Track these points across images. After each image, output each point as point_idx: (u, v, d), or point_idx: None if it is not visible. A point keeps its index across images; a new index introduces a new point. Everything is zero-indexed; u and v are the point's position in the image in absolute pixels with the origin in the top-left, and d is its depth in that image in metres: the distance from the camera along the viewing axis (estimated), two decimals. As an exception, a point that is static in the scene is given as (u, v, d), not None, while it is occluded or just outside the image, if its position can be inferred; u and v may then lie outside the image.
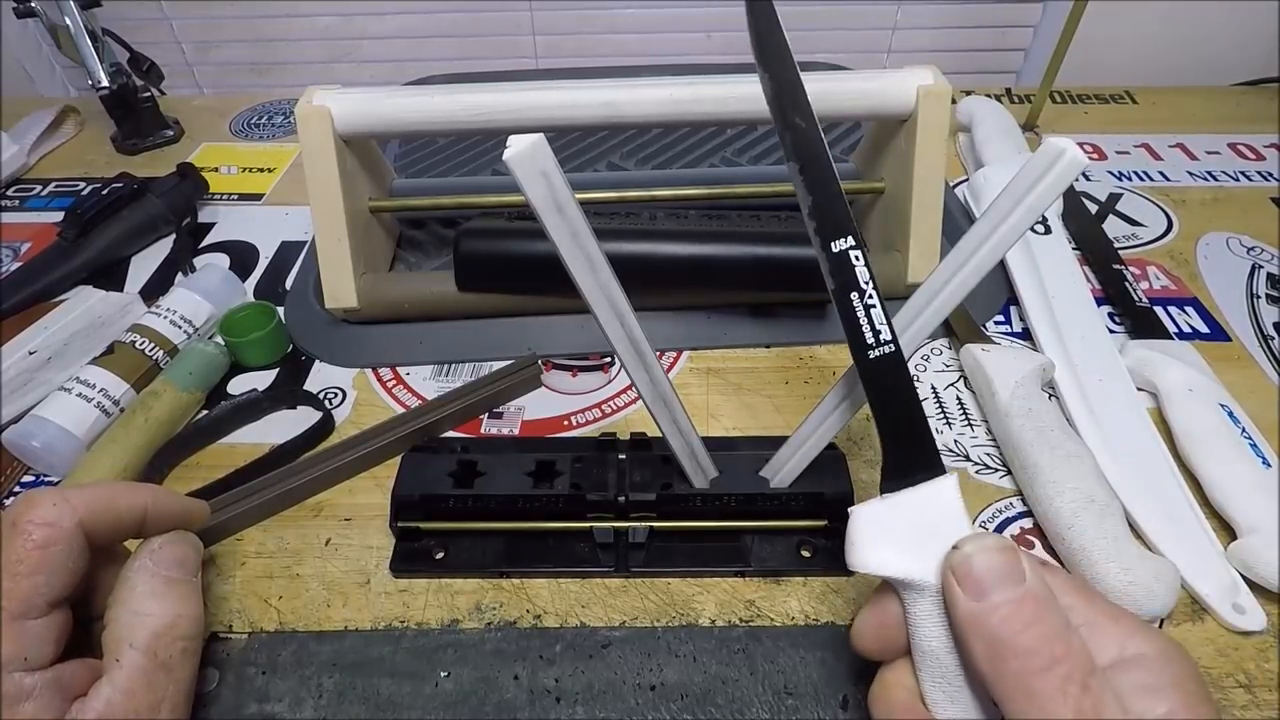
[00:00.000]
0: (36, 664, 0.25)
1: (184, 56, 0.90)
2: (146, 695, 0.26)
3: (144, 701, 0.25)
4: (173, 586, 0.28)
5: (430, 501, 0.35)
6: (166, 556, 0.28)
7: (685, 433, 0.33)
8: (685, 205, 0.49)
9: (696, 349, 0.46)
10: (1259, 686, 0.30)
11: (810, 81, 0.43)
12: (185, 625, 0.27)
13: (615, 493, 0.35)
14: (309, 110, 0.42)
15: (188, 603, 0.28)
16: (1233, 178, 0.61)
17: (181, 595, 0.28)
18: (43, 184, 0.64)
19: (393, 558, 0.35)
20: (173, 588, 0.28)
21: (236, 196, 0.62)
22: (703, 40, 0.89)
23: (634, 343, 0.29)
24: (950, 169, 0.60)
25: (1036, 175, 0.26)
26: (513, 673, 0.31)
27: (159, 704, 0.26)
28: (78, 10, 0.61)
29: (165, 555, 0.28)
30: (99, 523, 0.27)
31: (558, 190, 0.25)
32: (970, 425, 0.41)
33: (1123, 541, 0.32)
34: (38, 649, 0.25)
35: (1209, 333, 0.47)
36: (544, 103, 0.43)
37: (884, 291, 0.46)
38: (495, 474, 0.35)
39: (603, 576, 0.35)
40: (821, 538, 0.35)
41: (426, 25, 0.87)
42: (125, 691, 0.25)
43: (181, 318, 0.45)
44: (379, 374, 0.45)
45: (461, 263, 0.45)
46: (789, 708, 0.30)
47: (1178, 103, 0.71)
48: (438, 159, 0.62)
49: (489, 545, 0.35)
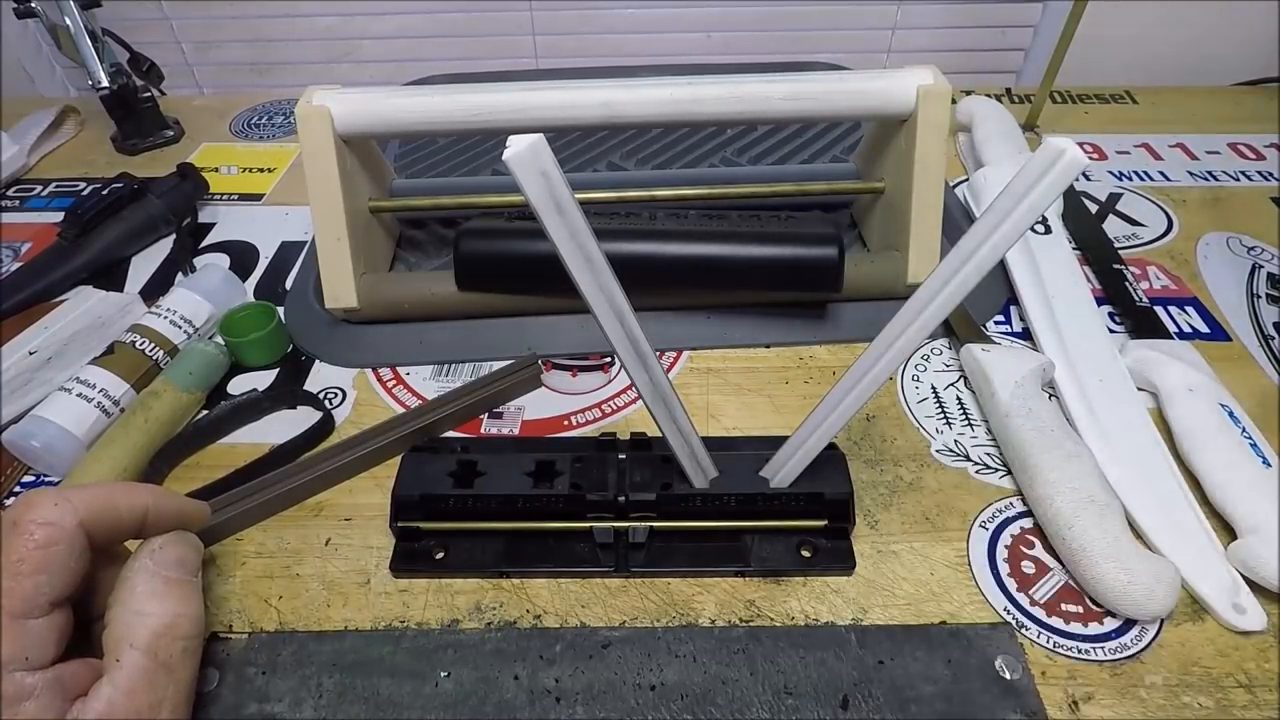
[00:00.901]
0: (37, 664, 0.25)
1: (184, 56, 0.89)
2: (147, 695, 0.26)
3: (145, 701, 0.25)
4: (173, 586, 0.28)
5: (430, 501, 0.35)
6: (167, 556, 0.28)
7: (685, 433, 0.33)
8: (685, 205, 0.49)
9: (696, 349, 0.46)
10: (1259, 686, 0.30)
11: (810, 81, 0.44)
12: (185, 625, 0.27)
13: (615, 493, 0.35)
14: (309, 110, 0.42)
15: (188, 602, 0.28)
16: (1233, 178, 0.61)
17: (181, 595, 0.28)
18: (43, 184, 0.64)
19: (393, 558, 0.35)
20: (173, 587, 0.28)
21: (236, 196, 0.62)
22: (703, 40, 0.89)
23: (634, 343, 0.29)
24: (950, 169, 0.60)
25: (1036, 175, 0.26)
26: (513, 673, 0.31)
27: (160, 704, 0.26)
28: (78, 10, 0.61)
29: (165, 555, 0.28)
30: (100, 523, 0.27)
31: (557, 190, 0.25)
32: (970, 425, 0.41)
33: (1123, 541, 0.32)
34: (39, 649, 0.25)
35: (1209, 333, 0.47)
36: (544, 103, 0.43)
37: (884, 291, 0.47)
38: (495, 474, 0.35)
39: (603, 576, 0.35)
40: (821, 538, 0.35)
41: (426, 25, 0.87)
42: (126, 691, 0.25)
43: (181, 318, 0.45)
44: (379, 374, 0.45)
45: (461, 263, 0.45)
46: (789, 708, 0.30)
47: (1178, 103, 0.71)
48: (438, 159, 0.62)
49: (489, 545, 0.35)
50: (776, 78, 0.44)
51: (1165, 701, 0.30)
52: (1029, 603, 0.33)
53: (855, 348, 0.46)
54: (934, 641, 0.32)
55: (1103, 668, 0.31)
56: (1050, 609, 0.33)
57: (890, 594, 0.34)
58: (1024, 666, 0.31)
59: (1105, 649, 0.32)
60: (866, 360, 0.31)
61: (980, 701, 0.30)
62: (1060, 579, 0.34)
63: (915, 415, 0.42)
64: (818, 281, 0.44)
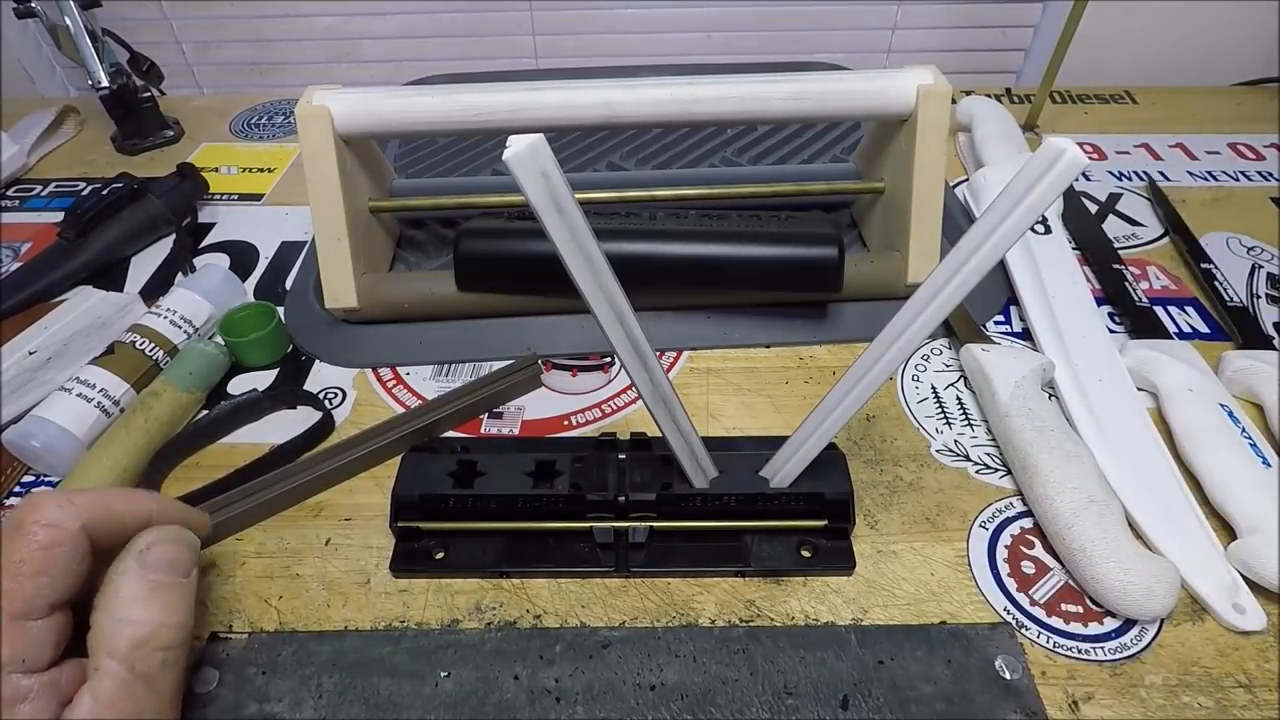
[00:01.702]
0: (35, 666, 0.25)
1: (184, 56, 0.89)
2: (126, 705, 0.25)
3: (124, 712, 0.25)
4: (159, 591, 0.26)
5: (430, 501, 0.35)
6: (156, 558, 0.27)
7: (685, 432, 0.33)
8: (685, 205, 0.49)
9: (696, 349, 0.46)
10: (1259, 686, 0.30)
11: (810, 81, 0.44)
12: (167, 635, 0.26)
13: (615, 493, 0.35)
14: (309, 110, 0.42)
15: (173, 610, 0.27)
16: (1233, 178, 0.61)
17: (166, 602, 0.26)
18: (43, 184, 0.64)
19: (393, 558, 0.35)
20: (159, 593, 0.26)
21: (236, 196, 0.62)
22: (703, 40, 0.89)
23: (634, 343, 0.29)
24: (950, 169, 0.60)
25: (1036, 175, 0.26)
26: (513, 673, 0.31)
27: (139, 714, 0.25)
28: (78, 10, 0.60)
29: (154, 556, 0.27)
30: (102, 526, 0.27)
31: (557, 190, 0.25)
32: (970, 425, 0.41)
33: (1123, 541, 0.32)
34: (37, 651, 0.25)
35: (1209, 333, 0.47)
36: (544, 103, 0.43)
37: (884, 291, 0.47)
38: (495, 474, 0.35)
39: (603, 576, 0.35)
40: (822, 538, 0.35)
41: (426, 25, 0.87)
42: (106, 703, 0.25)
43: (181, 318, 0.45)
44: (379, 374, 0.45)
45: (461, 263, 0.45)
46: (789, 708, 0.30)
47: (1178, 103, 0.71)
48: (438, 159, 0.62)
49: (489, 545, 0.35)
50: (776, 78, 0.44)
51: (1165, 701, 0.30)
52: (1029, 603, 0.33)
53: (855, 348, 0.46)
54: (934, 641, 0.32)
55: (1103, 668, 0.31)
56: (1050, 609, 0.33)
57: (890, 594, 0.34)
58: (1024, 666, 0.31)
59: (1105, 649, 0.32)
60: (867, 360, 0.31)
61: (980, 701, 0.30)
62: (1060, 579, 0.34)
63: (915, 415, 0.42)
64: (818, 281, 0.44)
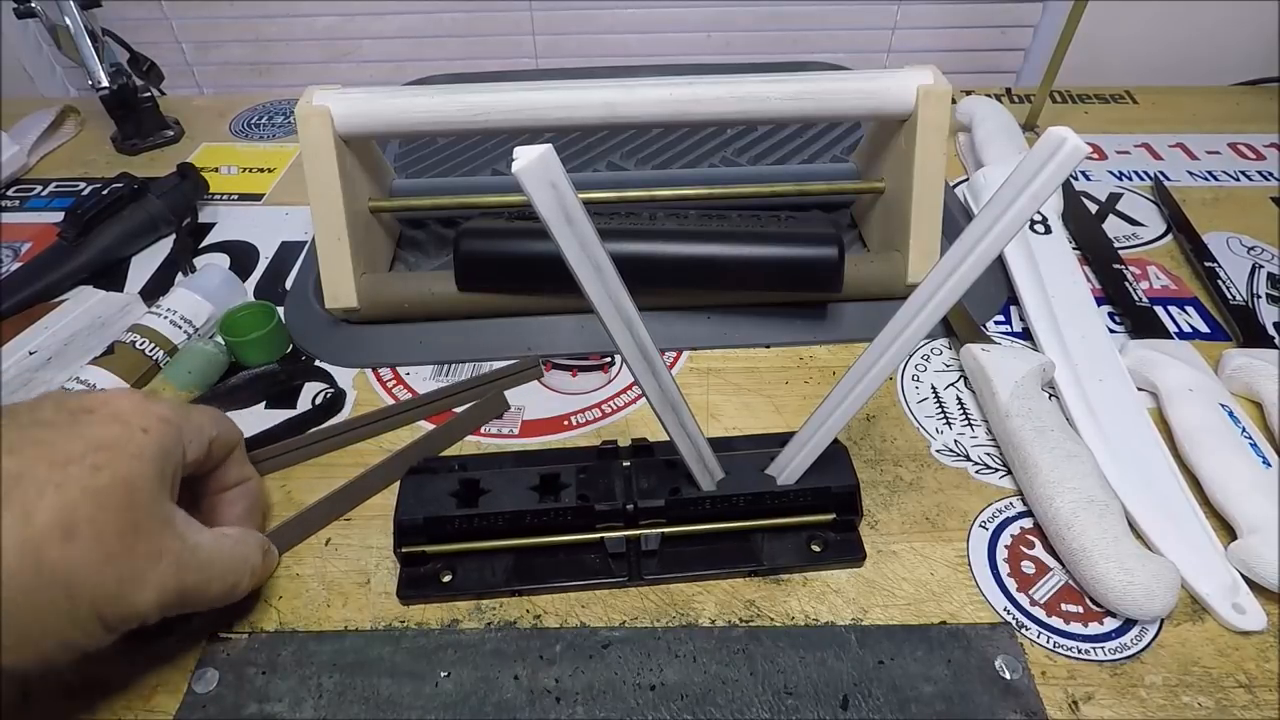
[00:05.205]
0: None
1: (184, 56, 0.89)
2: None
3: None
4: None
5: (434, 524, 0.34)
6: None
7: (693, 436, 0.32)
8: (685, 205, 0.49)
9: (696, 349, 0.46)
10: (1259, 686, 0.30)
11: (810, 81, 0.44)
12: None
13: (624, 501, 0.34)
14: (309, 110, 0.42)
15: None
16: (1233, 178, 0.61)
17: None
18: (43, 184, 0.64)
19: (399, 585, 0.34)
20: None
21: (236, 196, 0.62)
22: (703, 40, 0.89)
23: (643, 350, 0.29)
24: (950, 169, 0.60)
25: (1038, 164, 0.26)
26: (513, 673, 0.31)
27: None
28: (78, 10, 0.60)
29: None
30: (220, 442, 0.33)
31: (567, 201, 0.25)
32: (970, 425, 0.41)
33: (1123, 541, 0.32)
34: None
35: (1209, 332, 0.47)
36: (544, 103, 0.43)
37: (884, 291, 0.47)
38: (499, 490, 0.34)
39: (619, 587, 0.34)
40: (830, 531, 0.35)
41: (426, 25, 0.87)
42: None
43: (181, 318, 0.45)
44: (379, 374, 0.45)
45: (461, 263, 0.44)
46: (789, 708, 0.30)
47: (1178, 103, 0.71)
48: (438, 159, 0.62)
49: (497, 563, 0.34)
50: (776, 78, 0.44)
51: (1165, 701, 0.30)
52: (1029, 603, 0.33)
53: (855, 348, 0.46)
54: (934, 641, 0.32)
55: (1103, 668, 0.31)
56: (1050, 609, 0.33)
57: (890, 594, 0.34)
58: (1024, 666, 0.31)
59: (1105, 649, 0.32)
60: (870, 355, 0.31)
61: (980, 701, 0.30)
62: (1060, 579, 0.34)
63: (915, 415, 0.42)
64: (818, 281, 0.44)
